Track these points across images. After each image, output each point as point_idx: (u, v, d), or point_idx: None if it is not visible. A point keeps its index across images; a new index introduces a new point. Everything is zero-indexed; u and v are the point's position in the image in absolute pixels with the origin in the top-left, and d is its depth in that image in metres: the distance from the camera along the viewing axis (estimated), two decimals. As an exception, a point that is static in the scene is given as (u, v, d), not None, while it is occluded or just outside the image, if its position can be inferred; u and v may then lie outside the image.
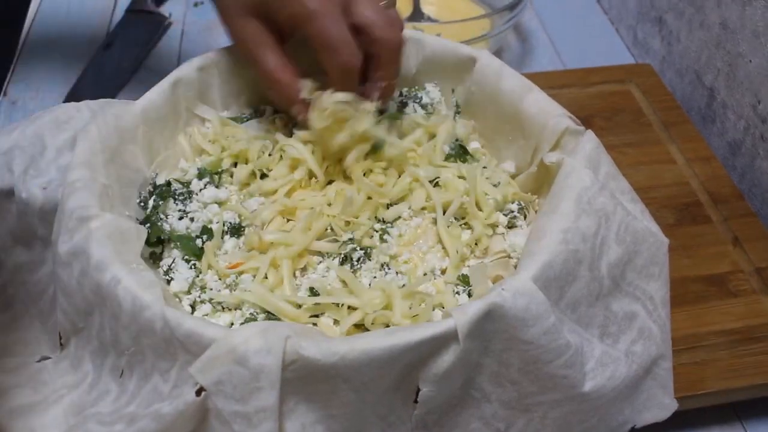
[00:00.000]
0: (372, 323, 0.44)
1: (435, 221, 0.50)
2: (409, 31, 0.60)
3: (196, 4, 0.91)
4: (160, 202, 0.51)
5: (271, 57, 0.52)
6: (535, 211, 0.53)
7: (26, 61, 0.82)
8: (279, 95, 0.53)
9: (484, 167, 0.55)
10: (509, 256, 0.49)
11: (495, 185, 0.53)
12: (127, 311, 0.42)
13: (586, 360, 0.44)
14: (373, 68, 0.53)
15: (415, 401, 0.41)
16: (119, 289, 0.42)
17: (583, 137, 0.51)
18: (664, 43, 0.83)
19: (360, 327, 0.45)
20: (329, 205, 0.51)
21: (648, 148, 0.69)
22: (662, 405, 0.48)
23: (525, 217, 0.52)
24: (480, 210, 0.51)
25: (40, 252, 0.51)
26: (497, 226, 0.51)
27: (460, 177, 0.52)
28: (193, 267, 0.49)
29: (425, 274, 0.48)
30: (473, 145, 0.58)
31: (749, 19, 0.68)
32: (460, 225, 0.50)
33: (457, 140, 0.56)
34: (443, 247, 0.50)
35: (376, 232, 0.50)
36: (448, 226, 0.50)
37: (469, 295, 0.47)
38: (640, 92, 0.75)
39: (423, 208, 0.51)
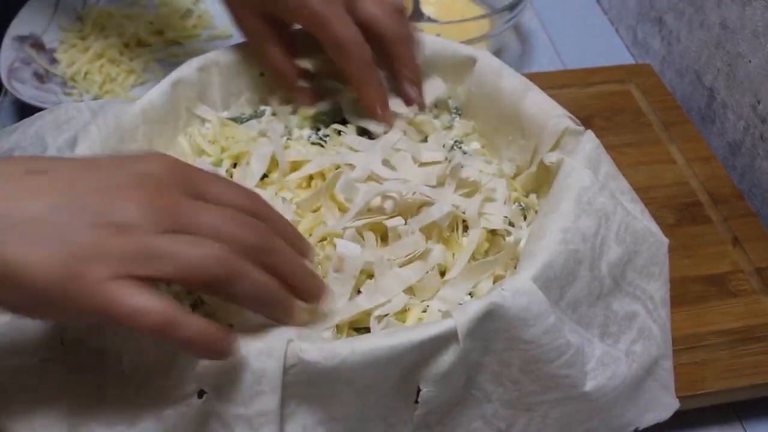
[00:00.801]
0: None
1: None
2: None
3: None
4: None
5: (273, 50, 0.56)
6: (535, 212, 0.53)
7: None
8: (282, 84, 0.58)
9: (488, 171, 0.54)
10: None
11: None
12: (127, 311, 0.41)
13: (587, 360, 0.44)
14: (393, 66, 0.56)
15: (416, 401, 0.41)
16: (120, 289, 0.42)
17: (583, 137, 0.51)
18: (664, 43, 0.83)
19: (360, 330, 0.45)
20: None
21: (648, 148, 0.69)
22: (664, 404, 0.48)
23: (525, 218, 0.52)
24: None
25: (40, 252, 0.51)
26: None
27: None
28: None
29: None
30: (473, 145, 0.58)
31: (749, 19, 0.68)
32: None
33: (455, 142, 0.56)
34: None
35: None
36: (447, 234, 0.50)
37: (470, 296, 0.47)
38: (640, 92, 0.75)
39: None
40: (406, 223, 0.47)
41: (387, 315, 0.44)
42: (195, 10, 0.86)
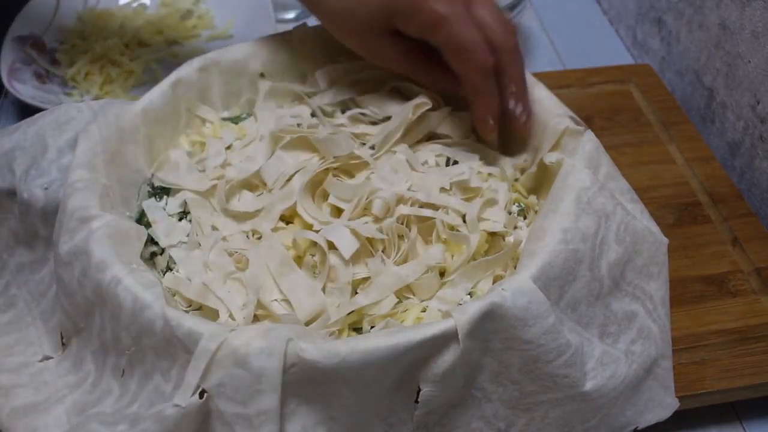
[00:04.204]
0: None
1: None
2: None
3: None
4: (161, 203, 0.51)
5: (433, 74, 0.55)
6: (535, 212, 0.53)
7: None
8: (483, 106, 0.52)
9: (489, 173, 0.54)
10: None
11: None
12: (127, 311, 0.42)
13: (586, 359, 0.44)
14: (499, 79, 0.52)
15: (416, 401, 0.41)
16: (120, 289, 0.42)
17: (583, 137, 0.51)
18: (664, 44, 0.83)
19: (360, 330, 0.45)
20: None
21: (648, 148, 0.69)
22: (664, 404, 0.48)
23: (525, 218, 0.52)
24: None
25: (42, 252, 0.51)
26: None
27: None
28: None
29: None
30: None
31: (748, 20, 0.68)
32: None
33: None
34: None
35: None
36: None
37: (470, 296, 0.47)
38: (639, 92, 0.75)
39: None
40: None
41: (383, 315, 0.44)
42: (195, 11, 0.86)
